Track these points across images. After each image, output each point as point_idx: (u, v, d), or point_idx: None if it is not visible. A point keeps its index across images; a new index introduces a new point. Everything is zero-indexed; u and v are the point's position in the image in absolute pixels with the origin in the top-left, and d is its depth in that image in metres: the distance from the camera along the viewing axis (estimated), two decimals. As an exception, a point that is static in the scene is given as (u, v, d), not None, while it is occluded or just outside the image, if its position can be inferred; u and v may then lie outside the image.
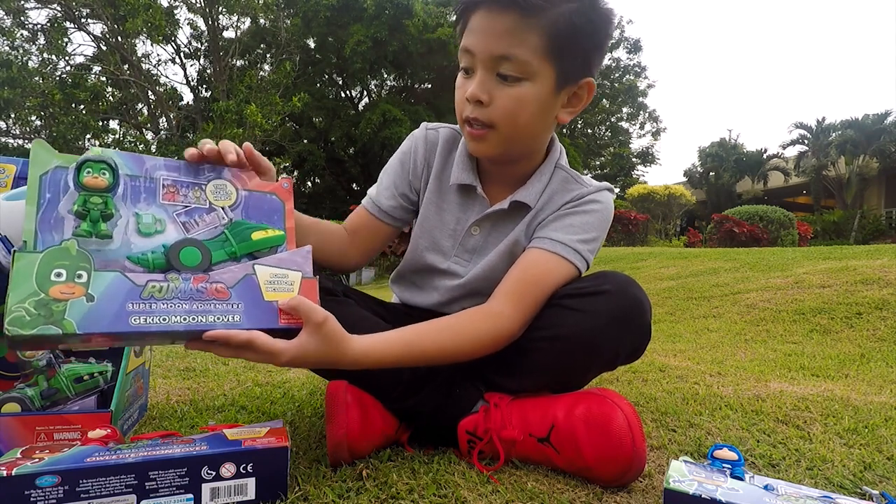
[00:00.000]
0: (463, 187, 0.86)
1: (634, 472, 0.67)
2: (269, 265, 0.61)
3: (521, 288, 0.76)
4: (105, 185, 0.57)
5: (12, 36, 10.21)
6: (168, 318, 0.54)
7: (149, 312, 0.54)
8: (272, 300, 0.60)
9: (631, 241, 9.76)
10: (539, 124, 0.76)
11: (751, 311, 2.43)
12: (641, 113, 20.58)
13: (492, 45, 0.70)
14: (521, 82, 0.71)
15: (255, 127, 10.21)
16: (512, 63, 0.70)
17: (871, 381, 1.33)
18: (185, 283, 0.56)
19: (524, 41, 0.69)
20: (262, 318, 0.59)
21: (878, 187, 17.20)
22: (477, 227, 0.86)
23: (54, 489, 0.53)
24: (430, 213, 0.88)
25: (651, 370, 1.39)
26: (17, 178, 0.82)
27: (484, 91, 0.72)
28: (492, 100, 0.73)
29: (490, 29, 0.70)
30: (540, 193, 0.84)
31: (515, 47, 0.69)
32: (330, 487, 0.64)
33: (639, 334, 0.74)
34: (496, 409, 0.74)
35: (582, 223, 0.80)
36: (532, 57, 0.70)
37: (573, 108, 0.78)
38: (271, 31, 13.77)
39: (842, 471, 0.75)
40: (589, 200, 0.82)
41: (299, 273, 0.62)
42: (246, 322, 0.58)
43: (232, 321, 0.57)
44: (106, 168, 0.57)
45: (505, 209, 0.83)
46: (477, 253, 0.87)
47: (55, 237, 0.54)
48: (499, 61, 0.71)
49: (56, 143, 10.13)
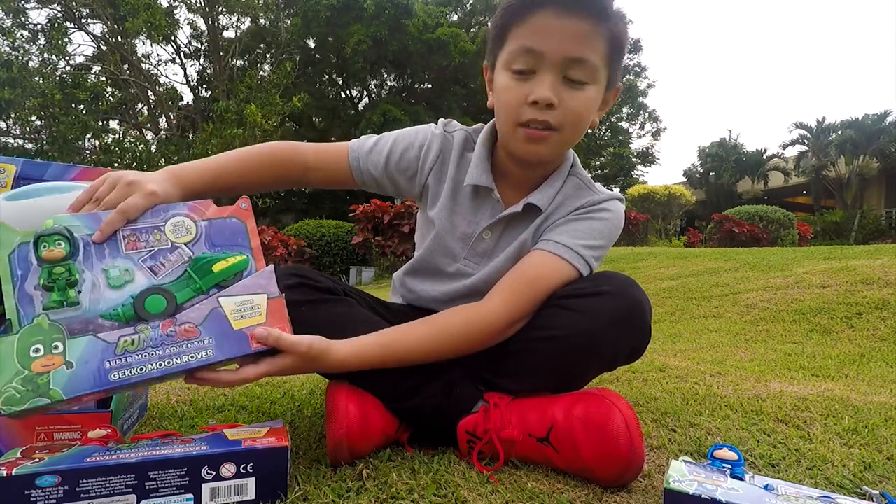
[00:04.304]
0: (476, 189, 0.85)
1: (633, 472, 0.67)
2: (233, 294, 0.63)
3: (516, 286, 0.76)
4: (63, 254, 0.58)
5: (12, 36, 10.22)
6: (145, 368, 0.57)
7: (126, 366, 0.57)
8: (242, 328, 0.62)
9: (631, 241, 9.75)
10: (586, 127, 0.78)
11: (751, 311, 2.43)
12: (641, 113, 20.57)
13: (567, 47, 0.69)
14: (587, 87, 0.72)
15: (255, 127, 10.21)
16: (584, 67, 0.71)
17: (871, 381, 1.33)
18: (155, 331, 0.59)
19: (596, 47, 0.71)
20: (234, 347, 0.61)
21: (878, 187, 17.20)
22: (489, 231, 0.85)
23: (54, 489, 0.53)
24: (443, 217, 0.86)
25: (651, 370, 1.39)
26: (17, 178, 0.82)
27: (555, 94, 0.71)
28: (561, 103, 0.72)
29: (564, 30, 0.69)
30: (552, 198, 0.83)
31: (589, 51, 0.70)
32: (330, 487, 0.64)
33: (639, 335, 0.74)
34: (495, 409, 0.74)
35: (590, 229, 0.80)
36: (600, 62, 0.72)
37: (602, 112, 0.80)
38: (271, 31, 13.78)
39: (842, 471, 0.75)
40: (600, 208, 0.82)
41: (264, 295, 0.64)
42: (219, 355, 0.60)
43: (205, 356, 0.60)
44: (61, 238, 0.59)
45: (519, 212, 0.83)
46: (487, 256, 0.86)
47: (30, 312, 0.57)
48: (570, 64, 0.70)
49: (56, 143, 10.14)
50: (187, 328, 0.60)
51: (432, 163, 0.86)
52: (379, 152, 0.86)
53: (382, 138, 0.88)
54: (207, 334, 0.60)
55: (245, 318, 0.62)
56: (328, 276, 0.83)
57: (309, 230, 8.29)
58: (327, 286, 0.80)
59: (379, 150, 0.86)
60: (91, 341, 0.56)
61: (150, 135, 12.74)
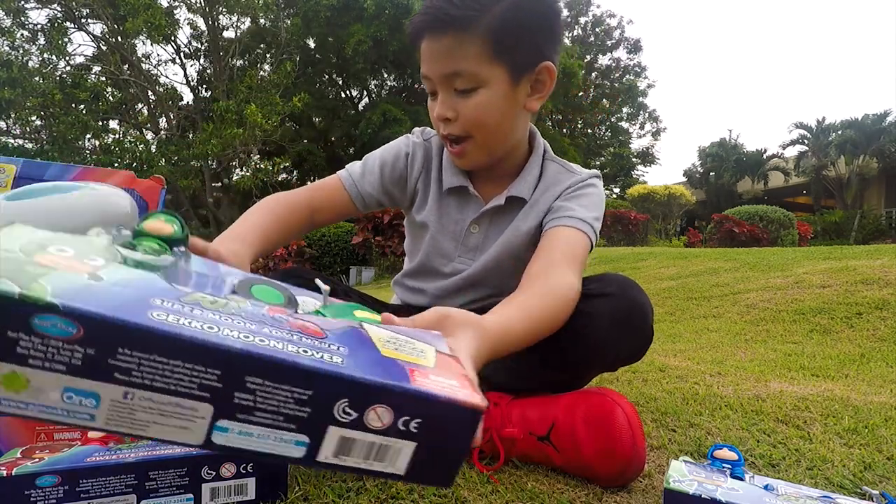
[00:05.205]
0: (456, 189, 0.88)
1: (634, 470, 0.67)
2: (383, 327, 0.43)
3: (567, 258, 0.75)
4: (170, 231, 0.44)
5: (12, 36, 10.21)
6: (218, 329, 0.32)
7: (186, 315, 0.32)
8: (392, 357, 0.37)
9: (631, 241, 9.76)
10: (509, 122, 0.79)
11: (751, 311, 2.43)
12: (641, 113, 20.60)
13: (440, 66, 0.74)
14: (477, 91, 0.75)
15: (255, 127, 10.21)
16: (462, 77, 0.74)
17: (871, 381, 1.33)
18: (256, 308, 0.38)
19: (466, 54, 0.72)
20: (383, 372, 0.34)
21: (878, 187, 17.20)
22: (476, 226, 0.88)
23: (54, 489, 0.53)
24: (433, 219, 0.89)
25: (651, 370, 1.39)
26: (18, 178, 0.82)
27: (448, 109, 0.76)
28: (458, 114, 0.76)
29: (435, 52, 0.74)
30: (534, 186, 0.86)
31: (459, 63, 0.73)
32: (330, 487, 0.64)
33: (640, 337, 0.75)
34: (496, 408, 0.74)
35: (591, 203, 0.84)
36: (478, 66, 0.73)
37: (540, 94, 0.80)
38: (271, 31, 13.77)
39: (842, 471, 0.75)
40: (588, 184, 0.86)
41: (432, 347, 0.42)
42: (353, 367, 0.33)
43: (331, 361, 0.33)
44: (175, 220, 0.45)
45: (502, 205, 0.85)
46: (478, 250, 0.88)
47: None
48: (451, 79, 0.74)
49: (56, 143, 10.14)
50: (307, 324, 0.38)
51: (419, 170, 0.90)
52: (371, 172, 0.89)
53: (369, 159, 0.91)
54: (338, 342, 0.37)
55: (399, 352, 0.38)
56: (328, 277, 0.83)
57: (309, 230, 8.29)
58: (327, 286, 0.80)
59: (371, 170, 0.89)
60: (149, 278, 0.36)
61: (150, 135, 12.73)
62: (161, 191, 0.92)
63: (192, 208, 13.46)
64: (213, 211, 12.99)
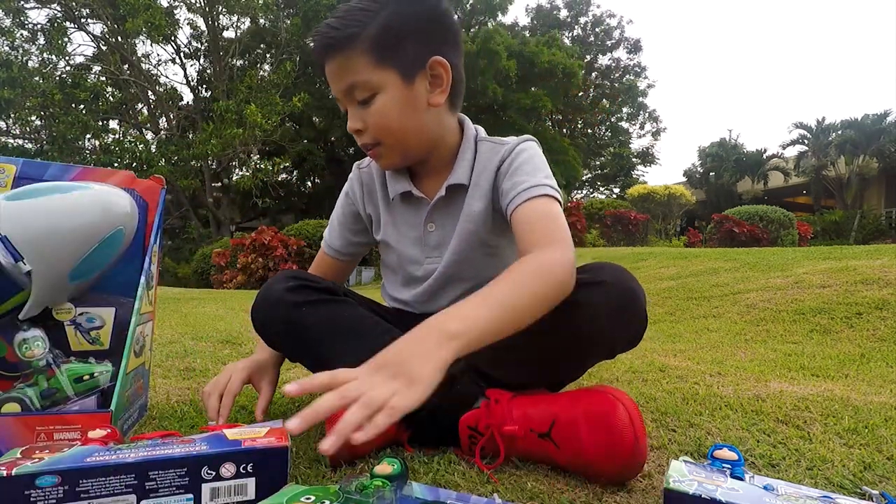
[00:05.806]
0: (403, 196, 0.91)
1: (635, 467, 0.67)
2: None
3: (540, 234, 0.75)
4: None
5: (12, 36, 10.22)
6: None
7: None
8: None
9: (631, 241, 9.76)
10: (412, 120, 0.81)
11: (751, 311, 2.43)
12: (641, 113, 20.60)
13: (338, 84, 0.80)
14: (375, 98, 0.79)
15: (255, 127, 10.21)
16: (359, 88, 0.78)
17: (871, 381, 1.33)
18: None
19: (354, 68, 0.77)
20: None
21: (878, 187, 17.20)
22: (431, 223, 0.90)
23: (54, 489, 0.53)
24: (390, 232, 0.94)
25: (651, 370, 1.39)
26: (18, 178, 0.82)
27: (357, 121, 0.81)
28: (365, 124, 0.81)
29: (332, 73, 0.80)
30: (470, 169, 0.88)
31: (351, 76, 0.78)
32: (330, 487, 0.64)
33: (636, 323, 0.76)
34: (497, 405, 0.74)
35: (532, 168, 0.83)
36: (369, 74, 0.77)
37: (441, 88, 0.82)
38: (271, 31, 13.77)
39: (842, 471, 0.75)
40: (520, 151, 0.86)
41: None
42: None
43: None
44: None
45: (444, 196, 0.87)
46: (441, 246, 0.90)
47: None
48: (350, 92, 0.79)
49: (56, 143, 10.15)
50: None
51: (361, 198, 0.97)
52: (333, 228, 1.01)
53: (332, 217, 1.02)
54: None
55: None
56: None
57: (309, 230, 8.29)
58: (326, 286, 0.83)
59: (333, 227, 1.01)
60: None
61: (150, 135, 12.74)
62: (161, 191, 0.92)
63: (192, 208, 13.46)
64: (212, 211, 12.99)
